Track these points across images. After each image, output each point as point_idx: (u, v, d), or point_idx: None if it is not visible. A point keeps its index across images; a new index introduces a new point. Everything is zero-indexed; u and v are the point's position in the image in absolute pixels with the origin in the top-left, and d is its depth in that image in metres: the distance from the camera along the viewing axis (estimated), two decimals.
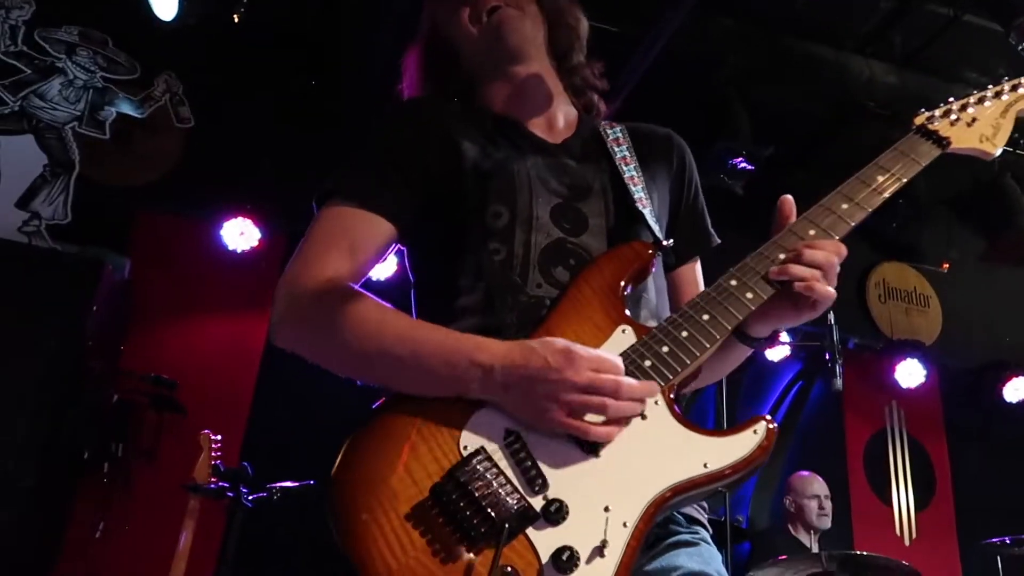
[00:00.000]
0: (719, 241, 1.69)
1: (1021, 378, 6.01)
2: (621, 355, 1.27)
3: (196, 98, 4.96)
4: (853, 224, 1.35)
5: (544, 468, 1.19)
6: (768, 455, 1.20)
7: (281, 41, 5.03)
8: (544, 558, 1.12)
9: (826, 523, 4.74)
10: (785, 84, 5.77)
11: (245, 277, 5.07)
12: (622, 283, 1.36)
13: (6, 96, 4.44)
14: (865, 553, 3.90)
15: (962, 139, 1.46)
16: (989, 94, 1.53)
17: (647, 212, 1.49)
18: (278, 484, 3.48)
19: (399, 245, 1.53)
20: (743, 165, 5.14)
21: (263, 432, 4.78)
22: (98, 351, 4.07)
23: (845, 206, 1.37)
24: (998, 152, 1.46)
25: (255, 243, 4.93)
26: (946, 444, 6.22)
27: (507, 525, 1.13)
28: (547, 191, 1.46)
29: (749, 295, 1.31)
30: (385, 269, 5.11)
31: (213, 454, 3.51)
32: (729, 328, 1.29)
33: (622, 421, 1.21)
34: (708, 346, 1.28)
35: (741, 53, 5.44)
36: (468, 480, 1.16)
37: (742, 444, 1.21)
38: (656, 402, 1.24)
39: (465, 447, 1.22)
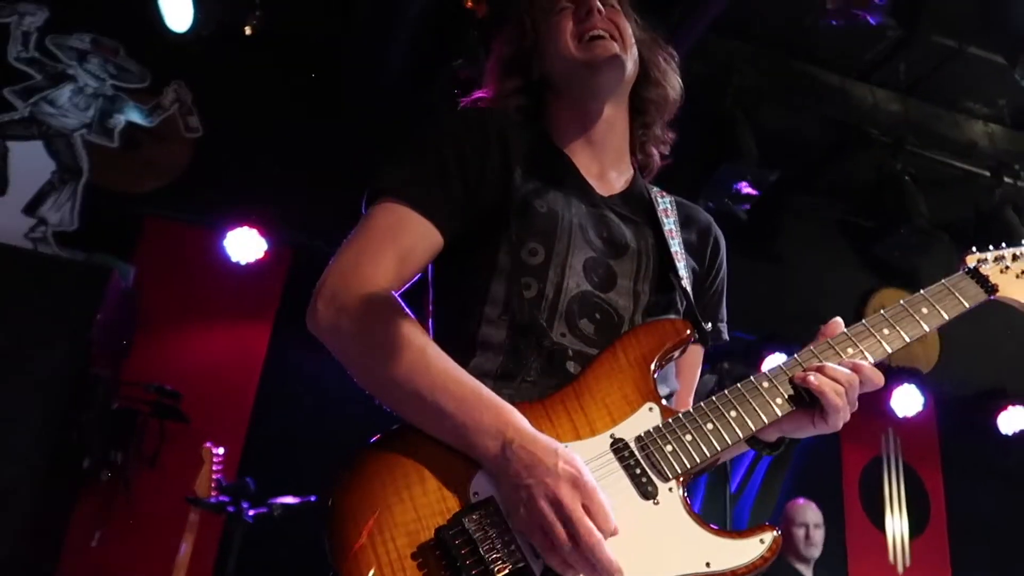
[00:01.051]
0: (727, 339, 1.68)
1: (1017, 408, 6.02)
2: (644, 433, 1.28)
3: (205, 108, 4.97)
4: (890, 351, 1.37)
5: None
6: (769, 565, 1.21)
7: (292, 54, 5.05)
8: None
9: (813, 552, 4.74)
10: (790, 108, 5.82)
11: (249, 288, 5.08)
12: (657, 358, 1.37)
13: (16, 101, 4.46)
14: None
15: (1009, 289, 1.48)
16: None
17: (689, 289, 1.50)
18: (279, 500, 3.48)
19: None
20: (747, 190, 5.17)
21: (262, 443, 4.79)
22: (103, 358, 4.07)
23: (887, 331, 1.39)
24: None
25: (260, 254, 4.93)
26: (941, 472, 6.24)
27: None
28: (584, 241, 1.46)
29: (779, 400, 1.32)
30: None
31: (214, 468, 3.51)
32: (753, 429, 1.30)
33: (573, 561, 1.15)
34: (730, 443, 1.29)
35: (749, 75, 5.49)
36: (474, 529, 1.16)
37: (746, 551, 1.21)
38: (670, 489, 1.24)
39: (475, 493, 1.21)
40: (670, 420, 1.30)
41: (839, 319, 1.42)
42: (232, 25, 4.62)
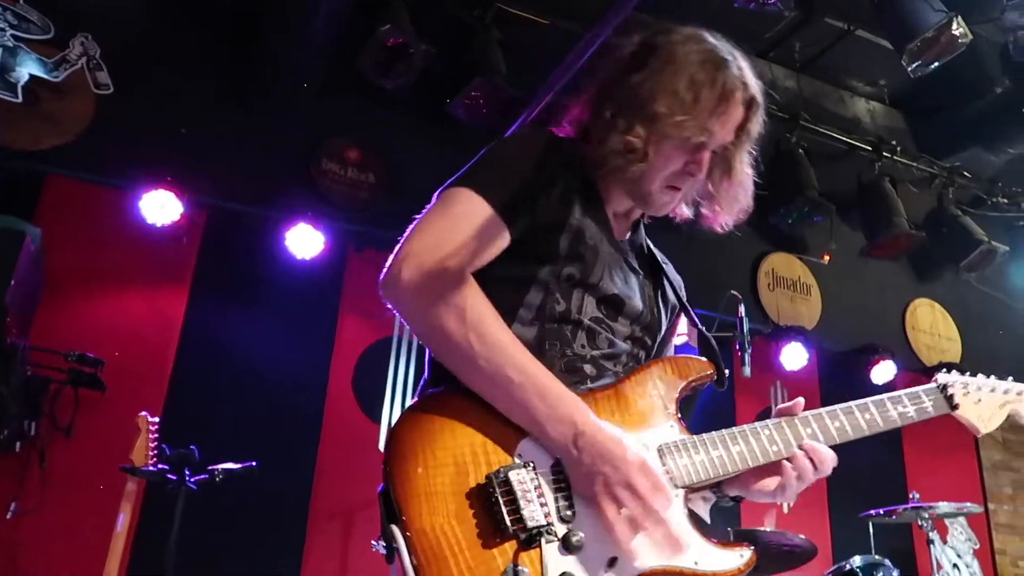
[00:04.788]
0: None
1: (887, 362, 6.66)
2: (664, 445, 1.48)
3: (115, 63, 4.74)
4: (868, 433, 1.61)
5: (576, 504, 1.40)
6: None
7: (210, 11, 4.88)
8: (553, 573, 1.32)
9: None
10: None
11: (165, 252, 4.95)
12: (682, 386, 1.57)
13: None
14: (769, 529, 4.32)
15: (967, 410, 1.71)
16: (999, 388, 1.76)
17: (700, 326, 1.71)
18: (220, 466, 3.50)
19: None
20: None
21: (183, 410, 4.72)
22: (16, 326, 3.91)
23: (868, 415, 1.61)
24: (984, 432, 1.73)
25: (176, 217, 4.81)
26: None
27: (537, 534, 1.32)
28: (610, 276, 1.61)
29: (775, 448, 1.54)
30: (312, 248, 5.11)
31: (151, 436, 3.48)
32: (751, 464, 1.51)
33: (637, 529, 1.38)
34: (732, 471, 1.51)
35: None
36: (517, 483, 1.34)
37: (728, 560, 1.45)
38: (677, 495, 1.46)
39: (520, 455, 1.40)
40: (687, 439, 1.50)
41: (801, 400, 1.61)
42: None
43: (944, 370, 1.76)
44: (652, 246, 1.82)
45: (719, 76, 1.56)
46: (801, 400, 1.61)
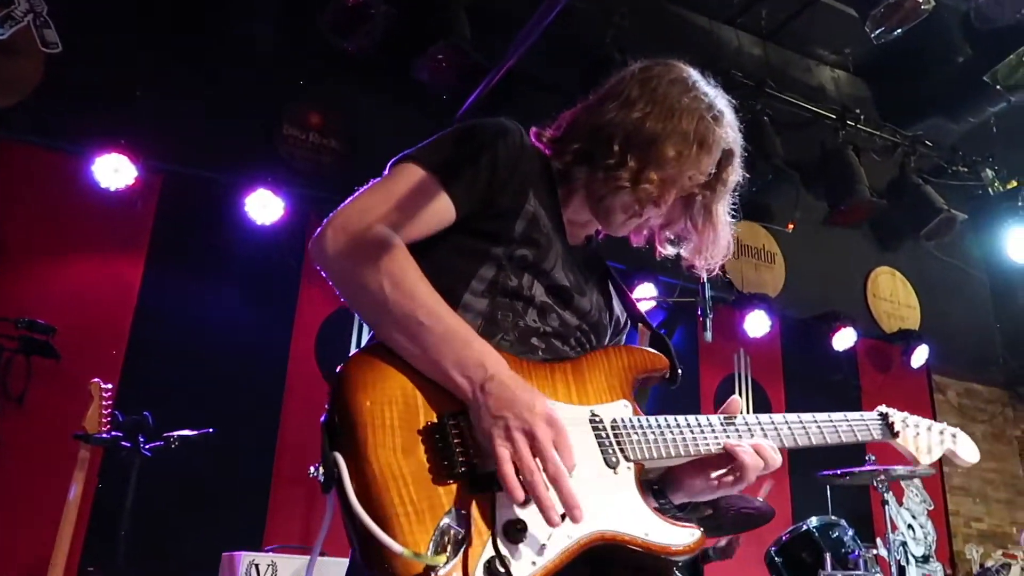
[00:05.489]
0: None
1: (848, 329, 6.76)
2: (618, 419, 1.47)
3: (64, 21, 4.58)
4: (806, 445, 1.65)
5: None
6: (690, 556, 1.43)
7: None
8: (500, 521, 1.27)
9: None
10: (662, 49, 6.07)
11: (119, 217, 4.84)
12: (638, 373, 1.56)
13: None
14: (761, 500, 4.37)
15: (906, 440, 1.82)
16: (935, 428, 1.88)
17: (653, 328, 1.71)
18: (176, 433, 3.45)
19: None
20: None
21: (140, 378, 4.64)
22: None
23: (815, 427, 1.66)
24: (923, 464, 1.83)
25: (131, 181, 4.70)
26: (783, 387, 6.94)
27: (489, 478, 1.28)
28: (560, 270, 1.61)
29: (715, 447, 1.53)
30: (272, 213, 5.03)
31: (104, 403, 3.41)
32: (702, 452, 1.52)
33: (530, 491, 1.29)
34: (675, 456, 1.50)
35: (627, 17, 5.67)
36: (467, 427, 1.32)
37: (679, 536, 1.42)
38: (628, 468, 1.44)
39: None
40: (640, 418, 1.50)
41: (737, 399, 1.65)
42: None
43: (883, 407, 1.85)
44: (606, 263, 1.82)
45: (717, 128, 1.62)
46: (737, 398, 1.65)
